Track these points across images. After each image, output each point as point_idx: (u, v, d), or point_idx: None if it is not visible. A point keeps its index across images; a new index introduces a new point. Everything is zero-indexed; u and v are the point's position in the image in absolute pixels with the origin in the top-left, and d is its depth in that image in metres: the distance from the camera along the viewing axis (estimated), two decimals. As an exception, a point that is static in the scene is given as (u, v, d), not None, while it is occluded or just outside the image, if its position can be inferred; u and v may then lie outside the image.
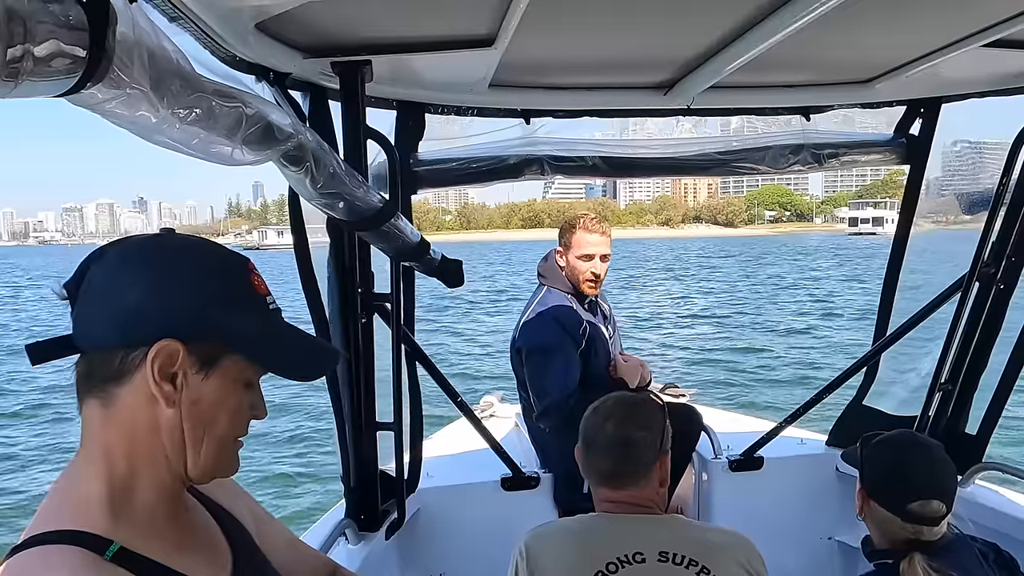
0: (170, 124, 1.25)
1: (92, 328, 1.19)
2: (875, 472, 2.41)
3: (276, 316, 1.31)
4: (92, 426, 1.21)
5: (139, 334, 1.17)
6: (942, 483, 2.31)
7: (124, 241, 1.25)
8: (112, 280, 1.19)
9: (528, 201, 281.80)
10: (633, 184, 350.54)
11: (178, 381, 1.19)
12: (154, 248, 1.24)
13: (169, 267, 1.21)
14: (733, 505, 4.00)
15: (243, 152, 1.57)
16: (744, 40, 2.60)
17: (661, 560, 2.14)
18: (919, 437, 2.57)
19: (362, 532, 3.18)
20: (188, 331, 1.19)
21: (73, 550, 1.11)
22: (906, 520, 2.27)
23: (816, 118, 3.57)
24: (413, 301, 3.41)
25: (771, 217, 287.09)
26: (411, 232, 2.76)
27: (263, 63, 2.38)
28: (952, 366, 3.55)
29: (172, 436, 1.21)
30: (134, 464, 1.21)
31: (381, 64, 2.67)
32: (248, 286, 1.28)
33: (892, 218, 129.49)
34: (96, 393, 1.20)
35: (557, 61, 3.02)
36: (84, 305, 1.19)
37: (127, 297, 1.17)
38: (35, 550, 1.11)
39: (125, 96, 1.06)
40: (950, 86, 3.44)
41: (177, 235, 1.29)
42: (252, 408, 1.31)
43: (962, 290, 3.44)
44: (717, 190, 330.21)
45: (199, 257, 1.25)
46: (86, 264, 1.21)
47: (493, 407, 5.23)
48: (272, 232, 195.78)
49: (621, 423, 2.32)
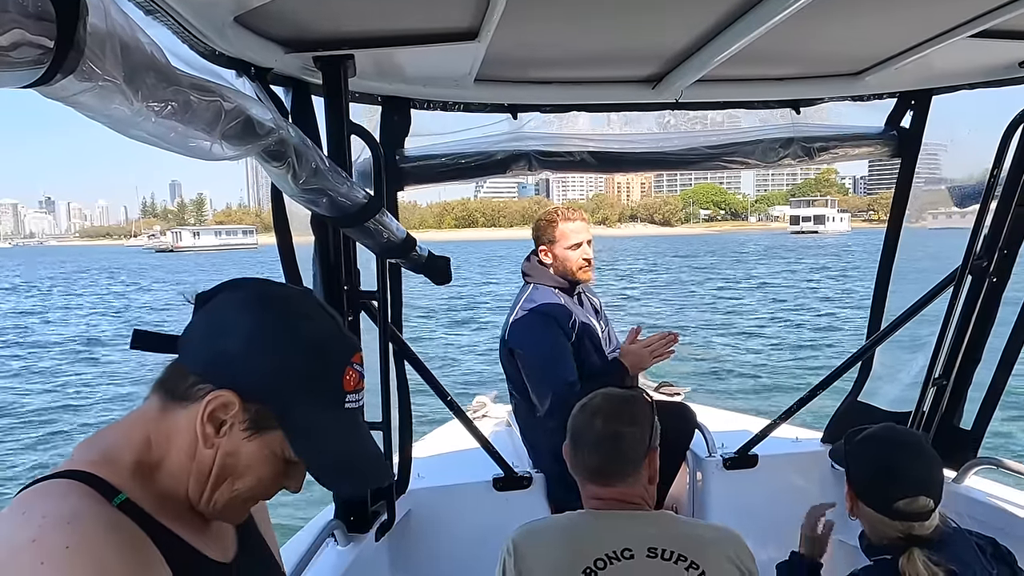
0: (145, 117, 1.24)
1: (191, 345, 1.28)
2: (860, 472, 2.41)
3: (348, 415, 1.33)
4: (146, 415, 1.30)
5: (215, 374, 1.24)
6: (927, 478, 2.31)
7: (264, 285, 1.35)
8: (228, 315, 1.28)
9: (461, 200, 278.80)
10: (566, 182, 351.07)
11: (223, 429, 1.25)
12: (280, 306, 1.31)
13: (275, 331, 1.27)
14: (728, 503, 3.97)
15: (223, 147, 1.56)
16: (730, 32, 2.58)
17: (650, 556, 2.13)
18: (900, 432, 2.56)
19: (351, 533, 3.14)
20: (252, 391, 1.24)
21: (80, 486, 1.18)
22: (894, 518, 2.27)
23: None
24: (400, 299, 3.37)
25: (706, 216, 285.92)
26: (396, 228, 2.72)
27: (243, 58, 2.35)
28: (946, 360, 3.52)
29: (200, 469, 1.27)
30: (164, 464, 1.28)
31: (364, 58, 2.63)
32: (337, 377, 1.30)
33: (833, 216, 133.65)
34: (162, 396, 1.29)
35: (543, 55, 2.99)
36: (199, 321, 1.30)
37: (226, 338, 1.25)
38: (54, 480, 1.19)
39: (98, 88, 1.04)
40: (940, 78, 3.42)
41: (312, 300, 1.38)
42: (285, 479, 1.34)
43: (955, 284, 3.42)
44: (651, 188, 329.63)
45: (311, 332, 1.30)
46: (222, 286, 1.32)
47: (486, 407, 5.20)
48: (187, 233, 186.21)
49: (609, 419, 2.31)
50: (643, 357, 3.79)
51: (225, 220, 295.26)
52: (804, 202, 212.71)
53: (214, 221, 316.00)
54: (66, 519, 1.10)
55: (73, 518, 1.11)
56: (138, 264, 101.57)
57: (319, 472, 1.30)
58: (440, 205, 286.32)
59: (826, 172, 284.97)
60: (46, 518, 1.10)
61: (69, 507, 1.13)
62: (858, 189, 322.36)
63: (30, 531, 1.08)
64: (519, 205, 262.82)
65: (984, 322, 3.50)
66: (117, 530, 1.15)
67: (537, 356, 3.85)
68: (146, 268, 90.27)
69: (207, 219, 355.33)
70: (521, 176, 3.53)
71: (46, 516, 1.10)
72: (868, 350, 3.89)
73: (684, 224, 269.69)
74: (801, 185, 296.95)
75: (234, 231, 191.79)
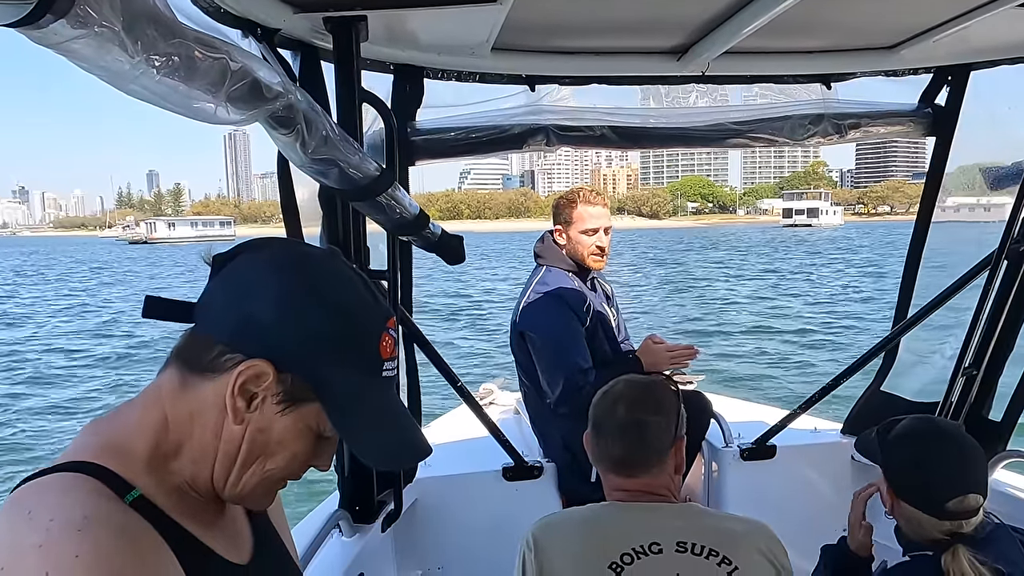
0: (145, 72, 1.13)
1: (211, 312, 1.17)
2: (902, 471, 2.28)
3: (385, 384, 1.24)
4: (161, 392, 1.19)
5: (244, 343, 1.14)
6: (974, 474, 2.20)
7: (290, 244, 1.25)
8: (253, 278, 1.17)
9: (445, 191, 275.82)
10: (552, 173, 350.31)
11: (255, 403, 1.15)
12: (311, 266, 1.21)
13: (308, 292, 1.16)
14: (745, 495, 3.86)
15: (227, 110, 1.43)
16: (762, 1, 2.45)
17: (679, 551, 2.03)
18: (941, 425, 2.46)
19: (357, 524, 3.02)
20: (287, 360, 1.14)
21: (90, 481, 1.08)
22: (943, 518, 2.15)
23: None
24: (411, 279, 3.23)
25: (693, 209, 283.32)
26: (409, 204, 2.58)
27: (249, 16, 2.20)
28: (976, 350, 3.39)
29: (227, 448, 1.18)
30: (184, 448, 1.18)
31: (377, 22, 2.48)
32: (374, 343, 1.20)
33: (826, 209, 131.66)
34: (182, 369, 1.18)
35: (564, 22, 2.85)
36: (218, 286, 1.18)
37: (255, 303, 1.14)
38: (59, 475, 1.08)
39: (93, 35, 0.95)
40: (980, 52, 3.26)
41: (340, 261, 1.26)
42: (315, 457, 1.26)
43: (990, 269, 3.28)
44: (637, 181, 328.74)
45: (345, 296, 1.19)
46: (243, 247, 1.20)
47: (493, 394, 5.11)
48: (162, 224, 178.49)
49: (632, 406, 2.20)
50: (661, 360, 3.73)
51: (203, 211, 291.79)
52: (796, 195, 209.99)
53: (192, 212, 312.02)
54: (76, 525, 1.01)
55: (84, 524, 1.01)
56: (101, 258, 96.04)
57: (363, 447, 1.21)
58: (424, 196, 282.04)
59: (815, 165, 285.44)
60: (54, 521, 1.00)
61: (79, 509, 1.03)
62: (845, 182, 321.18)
63: (37, 535, 0.99)
64: (505, 197, 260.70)
65: (1019, 310, 3.35)
66: (129, 535, 1.06)
67: (549, 340, 3.73)
68: (113, 262, 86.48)
69: (185, 210, 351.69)
70: (537, 152, 3.39)
71: (54, 519, 1.01)
72: (894, 339, 3.75)
73: (672, 217, 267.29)
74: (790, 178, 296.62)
75: (211, 222, 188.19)
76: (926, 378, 3.81)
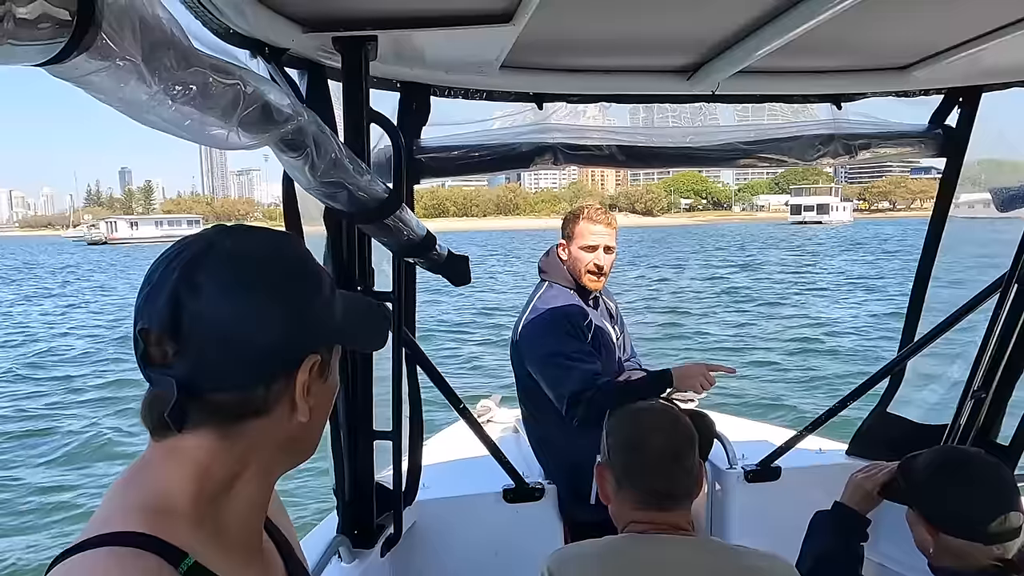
0: (162, 102, 1.10)
1: (220, 376, 1.08)
2: (940, 504, 2.26)
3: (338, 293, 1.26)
4: (187, 451, 1.10)
5: (276, 368, 1.12)
6: (1008, 494, 2.20)
7: (207, 265, 1.08)
8: (225, 320, 1.07)
9: (430, 188, 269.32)
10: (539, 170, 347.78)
11: (312, 389, 1.16)
12: (248, 268, 1.12)
13: (275, 291, 1.12)
14: (749, 518, 3.80)
15: (239, 135, 1.40)
16: (778, 23, 2.42)
17: None
18: (964, 451, 2.48)
19: (356, 549, 2.95)
20: (318, 345, 1.17)
21: (141, 555, 0.99)
22: (989, 542, 2.14)
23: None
24: (414, 301, 3.18)
25: (687, 205, 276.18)
26: (416, 225, 2.52)
27: (258, 37, 2.14)
28: (986, 372, 3.35)
29: (298, 442, 1.21)
30: (239, 478, 1.14)
31: (386, 41, 2.43)
32: (323, 270, 1.23)
33: (837, 205, 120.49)
34: (220, 426, 1.11)
35: (573, 41, 2.80)
36: (196, 352, 1.06)
37: (254, 338, 1.09)
38: (105, 551, 0.99)
39: (114, 68, 0.93)
40: (992, 74, 3.23)
41: (249, 235, 1.17)
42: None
43: (1001, 290, 3.25)
44: (627, 178, 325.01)
45: (288, 264, 1.17)
46: (175, 301, 1.05)
47: (491, 411, 5.00)
48: (123, 224, 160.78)
49: (670, 437, 2.13)
50: (695, 380, 3.57)
51: (174, 209, 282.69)
52: (804, 190, 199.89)
53: (162, 210, 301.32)
54: None
55: None
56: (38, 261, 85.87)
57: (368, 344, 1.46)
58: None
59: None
60: None
61: None
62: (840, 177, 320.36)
63: None
64: (492, 194, 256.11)
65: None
66: None
67: (553, 355, 3.61)
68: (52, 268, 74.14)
69: (155, 208, 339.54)
70: (545, 170, 3.34)
71: None
72: (902, 361, 3.71)
73: (666, 214, 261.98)
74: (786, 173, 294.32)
75: (178, 221, 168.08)
76: (933, 400, 3.76)
